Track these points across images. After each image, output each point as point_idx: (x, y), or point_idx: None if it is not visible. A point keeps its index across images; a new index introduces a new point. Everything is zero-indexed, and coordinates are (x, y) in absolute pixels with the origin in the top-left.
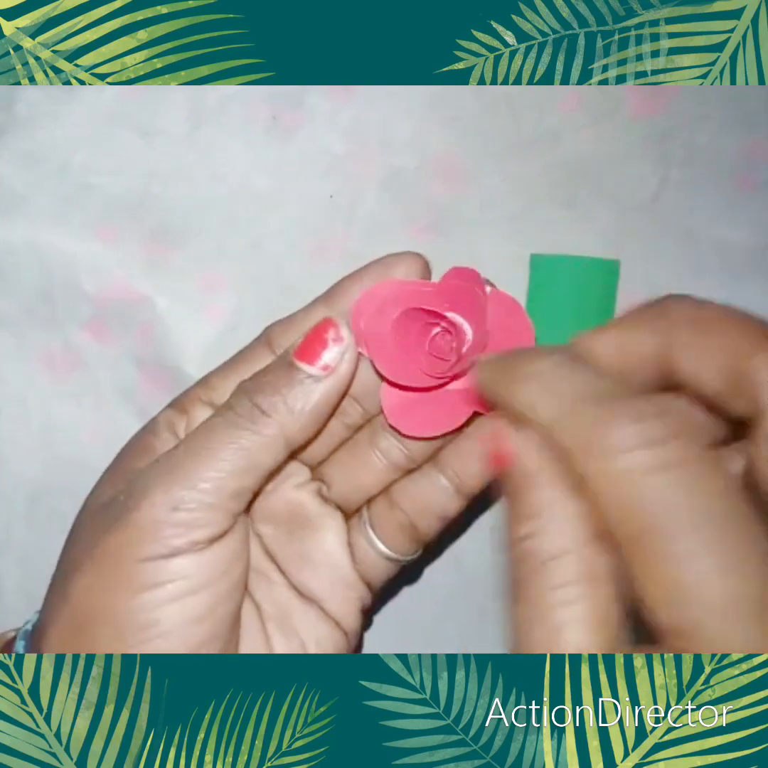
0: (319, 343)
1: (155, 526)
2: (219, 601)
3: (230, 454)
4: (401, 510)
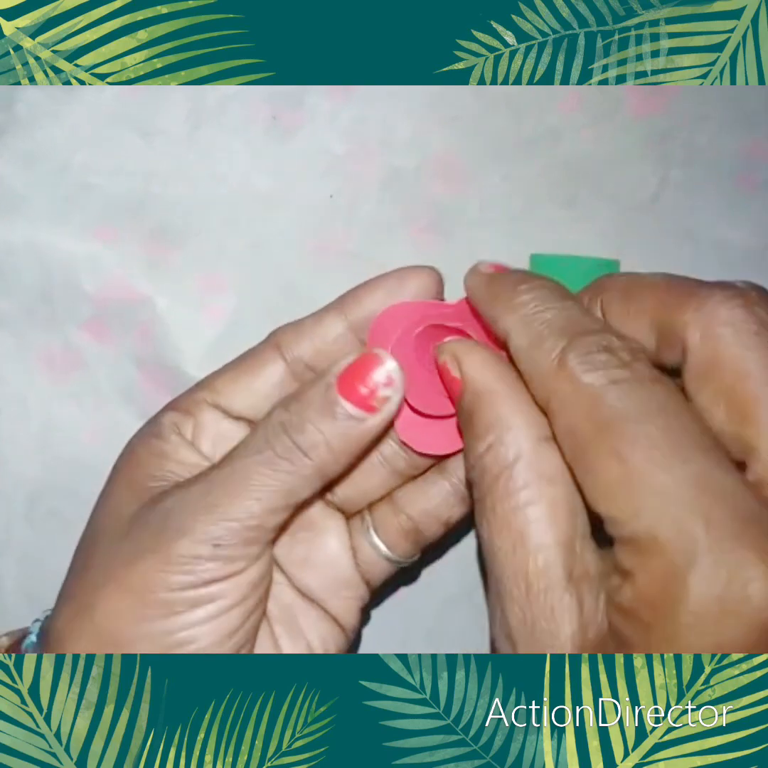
0: (364, 380)
1: (195, 561)
2: (249, 614)
3: (270, 494)
4: (406, 515)
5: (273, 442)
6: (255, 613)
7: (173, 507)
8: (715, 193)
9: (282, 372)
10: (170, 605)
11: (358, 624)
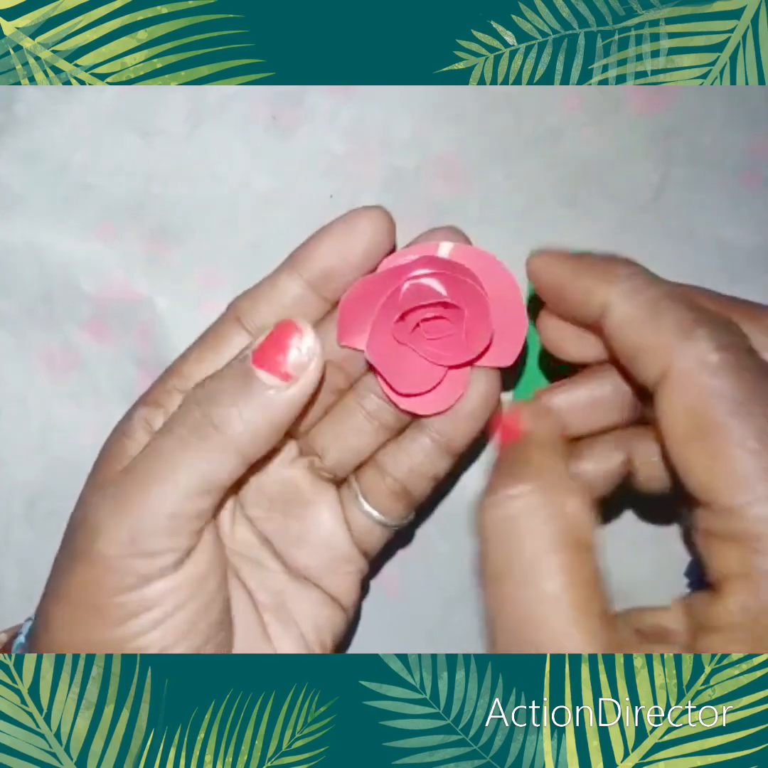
0: (281, 349)
1: (117, 560)
2: (200, 615)
3: (182, 476)
4: (391, 476)
5: (185, 419)
6: (209, 612)
7: (92, 505)
8: (718, 192)
9: (245, 343)
10: (111, 613)
11: (357, 598)
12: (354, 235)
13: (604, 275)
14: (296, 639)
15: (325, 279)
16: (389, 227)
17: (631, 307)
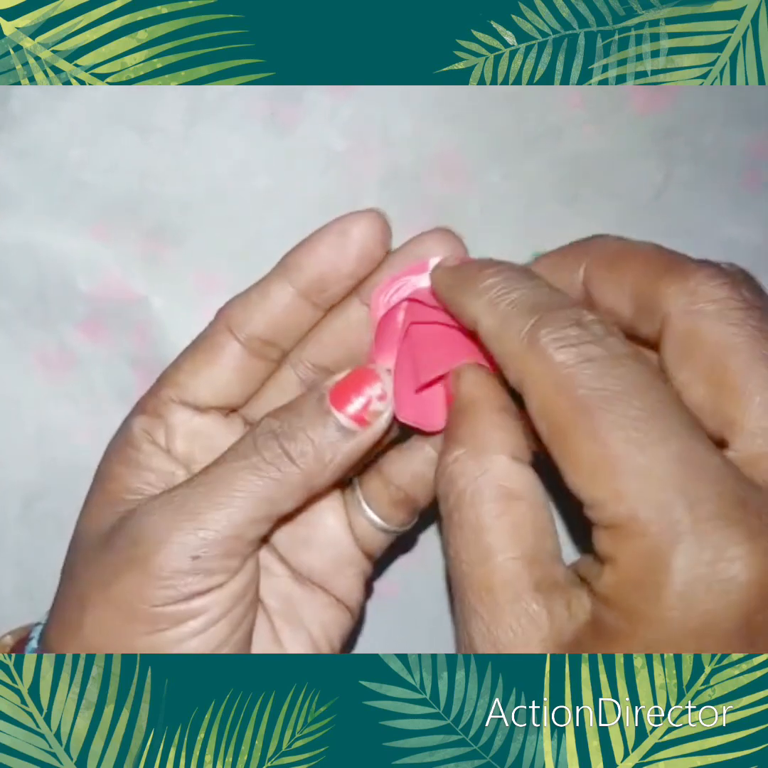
0: (358, 393)
1: (174, 574)
2: (236, 626)
3: (254, 502)
4: (395, 485)
5: (261, 449)
6: (243, 624)
7: (152, 517)
8: (720, 191)
9: (238, 353)
10: (154, 621)
11: (363, 598)
12: (346, 243)
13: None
14: (306, 641)
15: (317, 287)
16: (383, 232)
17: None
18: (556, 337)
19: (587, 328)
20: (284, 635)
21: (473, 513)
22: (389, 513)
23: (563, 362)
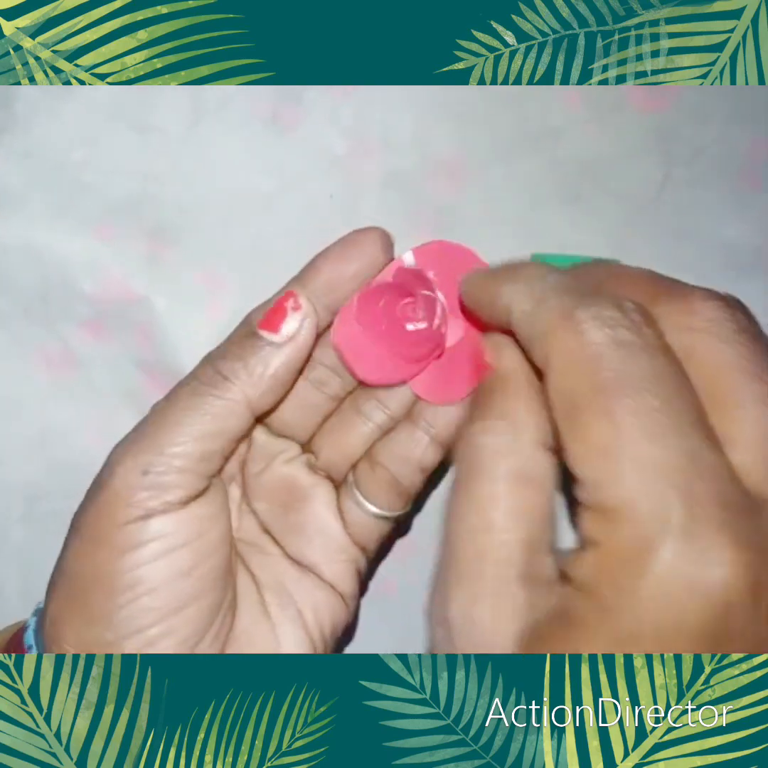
0: (280, 313)
1: (128, 491)
2: (201, 558)
3: (195, 419)
4: (382, 467)
5: (198, 374)
6: (210, 558)
7: (115, 448)
8: (719, 192)
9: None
10: (117, 542)
11: (354, 589)
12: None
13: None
14: (295, 618)
15: (326, 290)
16: (383, 243)
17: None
18: (595, 315)
19: (627, 313)
20: (273, 609)
21: (488, 487)
22: (378, 496)
23: (595, 341)
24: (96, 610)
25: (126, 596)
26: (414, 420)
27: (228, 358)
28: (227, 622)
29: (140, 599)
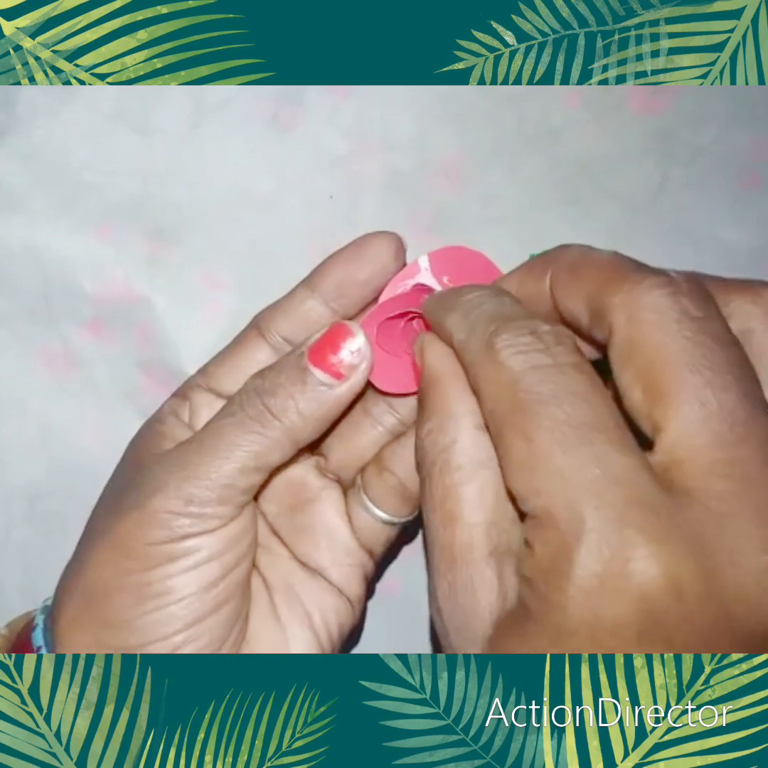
0: (335, 350)
1: (169, 516)
2: (228, 570)
3: (241, 455)
4: (391, 473)
5: (245, 406)
6: (235, 570)
7: (153, 467)
8: (718, 192)
9: (263, 349)
10: (148, 558)
11: (362, 593)
12: (364, 256)
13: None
14: (302, 617)
15: (336, 294)
16: (396, 249)
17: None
18: (510, 344)
19: (539, 337)
20: (282, 610)
21: (441, 482)
22: (386, 502)
23: (511, 367)
24: (120, 615)
25: (154, 604)
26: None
27: (278, 395)
28: (244, 627)
29: (168, 608)
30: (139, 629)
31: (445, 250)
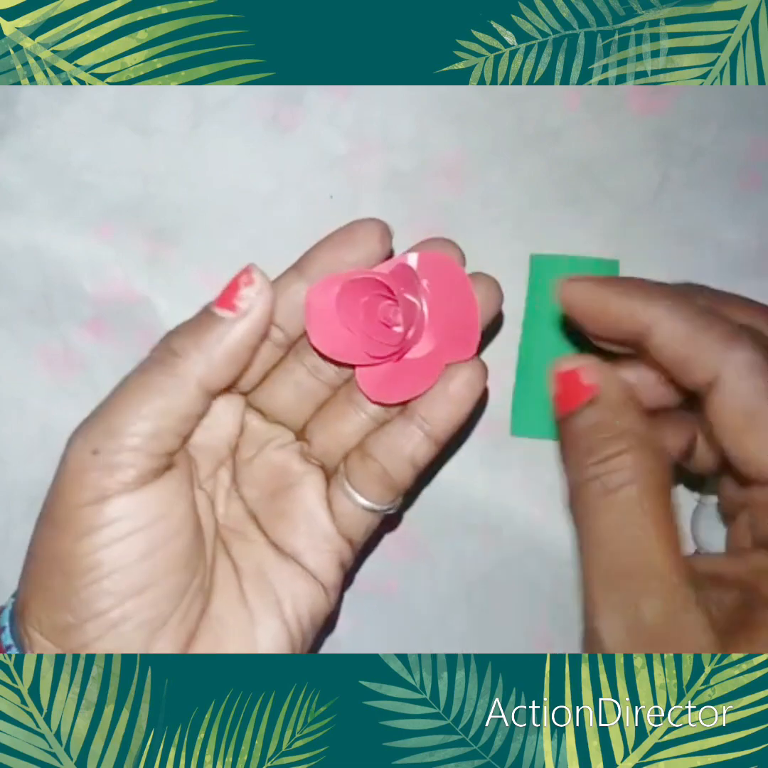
0: (233, 289)
1: (81, 472)
2: (162, 540)
3: (143, 397)
4: (374, 460)
5: (152, 352)
6: (171, 541)
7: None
8: (717, 193)
9: None
10: (75, 527)
11: (337, 581)
12: (350, 241)
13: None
14: (272, 607)
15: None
16: (382, 235)
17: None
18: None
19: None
20: (251, 597)
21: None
22: (368, 489)
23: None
24: (58, 593)
25: (85, 579)
26: (408, 414)
27: (181, 334)
28: (196, 606)
29: (99, 582)
30: (74, 607)
31: (433, 255)
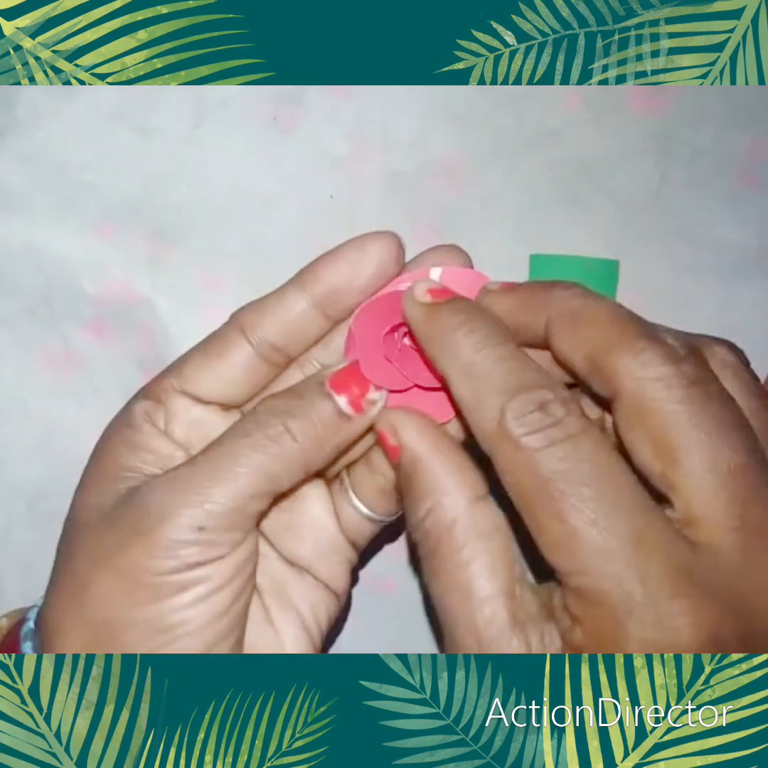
0: (359, 382)
1: (178, 545)
2: (237, 596)
3: (256, 479)
4: (381, 474)
5: (264, 426)
6: (243, 594)
7: (157, 491)
8: (717, 192)
9: (248, 355)
10: (158, 589)
11: (348, 586)
12: (363, 260)
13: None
14: (295, 619)
15: (330, 299)
16: (398, 253)
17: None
18: (521, 423)
19: (548, 410)
20: (274, 613)
21: (450, 560)
22: (375, 502)
23: (529, 446)
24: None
25: (166, 638)
26: None
27: (299, 417)
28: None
29: (181, 640)
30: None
31: (460, 271)
